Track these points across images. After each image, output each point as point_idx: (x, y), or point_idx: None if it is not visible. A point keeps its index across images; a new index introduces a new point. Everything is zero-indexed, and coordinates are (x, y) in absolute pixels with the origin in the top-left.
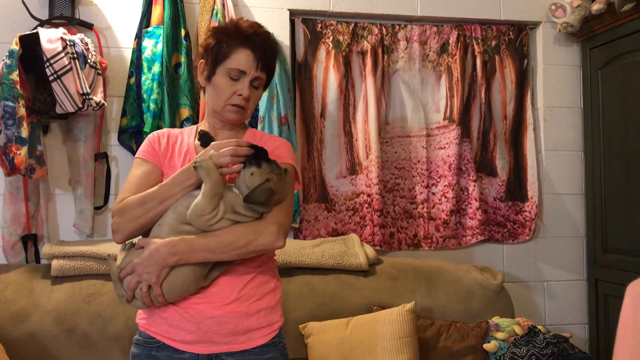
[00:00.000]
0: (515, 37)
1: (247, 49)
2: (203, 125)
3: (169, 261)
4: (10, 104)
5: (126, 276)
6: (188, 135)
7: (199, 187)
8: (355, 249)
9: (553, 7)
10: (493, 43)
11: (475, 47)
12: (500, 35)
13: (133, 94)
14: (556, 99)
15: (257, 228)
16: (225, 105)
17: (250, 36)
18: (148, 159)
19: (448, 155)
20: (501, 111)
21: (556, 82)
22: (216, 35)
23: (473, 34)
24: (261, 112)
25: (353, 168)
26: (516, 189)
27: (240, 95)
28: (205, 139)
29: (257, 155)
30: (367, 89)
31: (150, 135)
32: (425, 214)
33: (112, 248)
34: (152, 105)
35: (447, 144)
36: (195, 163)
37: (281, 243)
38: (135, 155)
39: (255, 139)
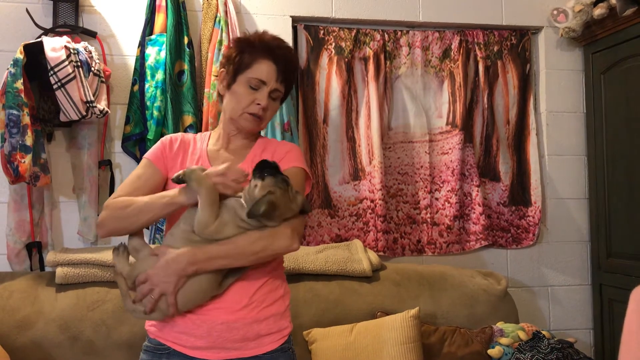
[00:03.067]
0: (518, 42)
1: (269, 60)
2: (217, 132)
3: (188, 270)
4: (14, 112)
5: (139, 286)
6: (201, 141)
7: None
8: (359, 255)
9: (555, 12)
10: (495, 48)
11: (478, 52)
12: (503, 40)
13: (137, 102)
14: (559, 104)
15: (272, 232)
16: (242, 113)
17: (274, 49)
18: (153, 161)
19: (451, 161)
20: (504, 116)
21: (559, 86)
22: (239, 46)
23: (475, 40)
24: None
25: (356, 174)
26: (519, 193)
27: (259, 104)
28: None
29: (262, 168)
30: (369, 94)
31: (165, 137)
32: (428, 220)
33: None
34: (155, 113)
35: (450, 149)
36: (183, 176)
37: (296, 246)
38: (145, 156)
39: (266, 147)
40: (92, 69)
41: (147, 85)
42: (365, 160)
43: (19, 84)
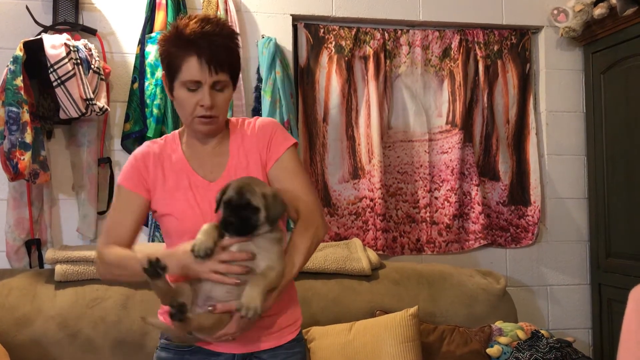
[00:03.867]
0: (518, 42)
1: (193, 56)
2: (185, 133)
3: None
4: (14, 109)
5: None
6: (173, 149)
7: None
8: (358, 254)
9: (555, 11)
10: (495, 48)
11: (478, 51)
12: (503, 39)
13: (136, 99)
14: (558, 103)
15: (310, 228)
16: (192, 119)
17: (194, 40)
18: (131, 189)
19: (451, 160)
20: (503, 115)
21: (558, 86)
22: (163, 46)
23: (475, 39)
24: (264, 116)
25: (356, 172)
26: (519, 193)
27: (203, 105)
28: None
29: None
30: (369, 93)
31: (132, 159)
32: (428, 219)
33: None
34: (155, 111)
35: (449, 148)
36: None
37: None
38: (119, 182)
39: (243, 135)
40: (92, 66)
41: (147, 83)
42: (365, 159)
43: (19, 81)
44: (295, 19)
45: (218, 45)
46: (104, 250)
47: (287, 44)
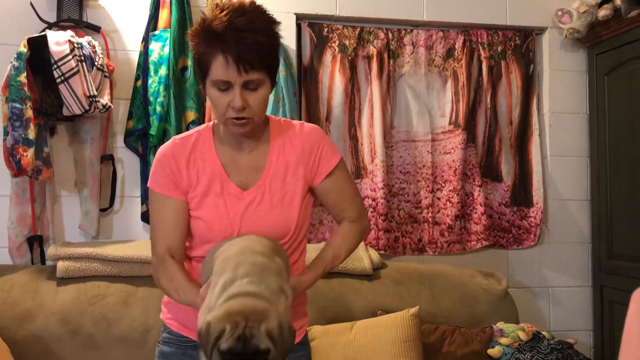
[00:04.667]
0: (522, 43)
1: (220, 55)
2: (219, 129)
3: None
4: (17, 105)
5: None
6: (205, 145)
7: None
8: (360, 253)
9: (559, 12)
10: (499, 48)
11: (482, 52)
12: (507, 40)
13: (140, 97)
14: (562, 105)
15: (360, 227)
16: (225, 120)
17: (221, 36)
18: (169, 195)
19: (453, 160)
20: (507, 116)
21: (562, 87)
22: (192, 42)
23: (479, 39)
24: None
25: (358, 172)
26: (521, 194)
27: (235, 107)
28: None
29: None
30: (372, 93)
31: (163, 159)
32: (430, 219)
33: (118, 250)
34: (158, 108)
35: (452, 148)
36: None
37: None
38: (153, 188)
39: (284, 142)
40: (96, 63)
41: (150, 81)
42: (367, 159)
43: (23, 78)
44: (299, 17)
45: (248, 42)
46: (162, 276)
47: (291, 43)
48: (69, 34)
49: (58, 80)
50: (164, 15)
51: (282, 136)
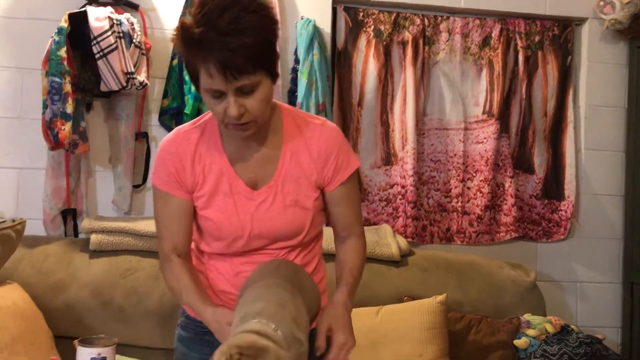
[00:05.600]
0: (560, 33)
1: (206, 62)
2: None
3: None
4: (57, 79)
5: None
6: (212, 139)
7: None
8: (388, 239)
9: (601, 3)
10: (536, 38)
11: (518, 41)
12: (545, 30)
13: (175, 76)
14: (599, 97)
15: (359, 253)
16: (225, 126)
17: (201, 43)
18: (169, 191)
19: (485, 150)
20: (541, 107)
21: (600, 80)
22: (177, 48)
23: (516, 29)
24: (299, 99)
25: (388, 159)
26: (553, 187)
27: (232, 115)
28: None
29: None
30: (406, 79)
31: (165, 156)
32: (459, 208)
33: (150, 225)
34: (193, 88)
35: (485, 138)
36: None
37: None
38: (156, 184)
39: (299, 143)
40: (134, 40)
41: None
42: (398, 146)
43: (63, 52)
44: (335, 1)
45: (233, 47)
46: (166, 276)
47: (326, 26)
48: (108, 10)
49: (97, 56)
50: None
51: (297, 134)
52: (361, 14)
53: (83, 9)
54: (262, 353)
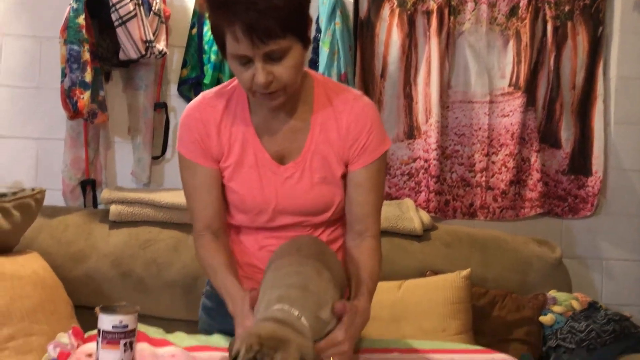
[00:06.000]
0: (591, 3)
1: (232, 26)
2: None
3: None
4: (75, 47)
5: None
6: (238, 106)
7: None
8: (410, 214)
9: None
10: (566, 8)
11: (547, 11)
12: (575, 0)
13: (194, 45)
14: (631, 70)
15: (378, 258)
16: (253, 94)
17: (227, 4)
18: (196, 160)
19: (511, 124)
20: (570, 80)
21: (632, 51)
22: (206, 10)
23: None
24: (321, 69)
25: (411, 132)
26: (580, 162)
27: (260, 82)
28: None
29: None
30: (430, 50)
31: (191, 122)
32: (483, 183)
33: (169, 197)
34: (213, 57)
35: (511, 111)
36: None
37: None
38: (182, 152)
39: (329, 117)
40: (153, 8)
41: (205, 29)
42: (421, 119)
43: (81, 20)
44: None
45: (261, 8)
46: (198, 252)
47: None
48: None
49: (116, 24)
50: None
51: (327, 106)
52: None
53: None
54: (283, 345)
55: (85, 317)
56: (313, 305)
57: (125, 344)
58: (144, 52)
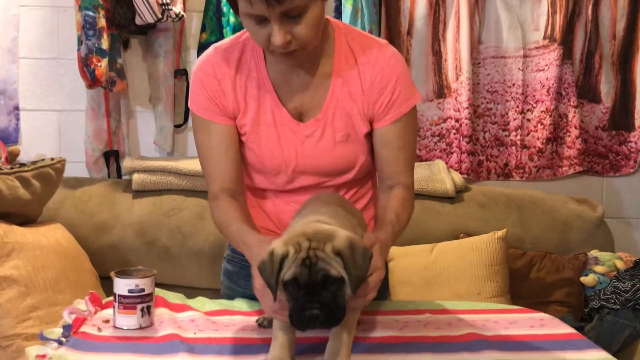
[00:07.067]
0: None
1: None
2: None
3: None
4: (90, 13)
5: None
6: (253, 59)
7: None
8: (442, 175)
9: None
10: None
11: None
12: None
13: (212, 8)
14: None
15: (407, 205)
16: (271, 52)
17: None
18: (210, 118)
19: (547, 78)
20: (609, 30)
21: None
22: None
23: None
24: None
25: (441, 91)
26: (622, 117)
27: (277, 43)
28: None
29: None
30: (459, 4)
31: (203, 78)
32: (518, 142)
33: (193, 164)
34: (232, 19)
35: (546, 65)
36: None
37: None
38: (195, 111)
39: (352, 69)
40: None
41: None
42: (451, 77)
43: None
44: None
45: None
46: (214, 214)
47: None
48: None
49: None
50: None
51: (350, 58)
52: None
53: None
54: (332, 235)
55: (111, 288)
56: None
57: (142, 309)
58: (160, 16)
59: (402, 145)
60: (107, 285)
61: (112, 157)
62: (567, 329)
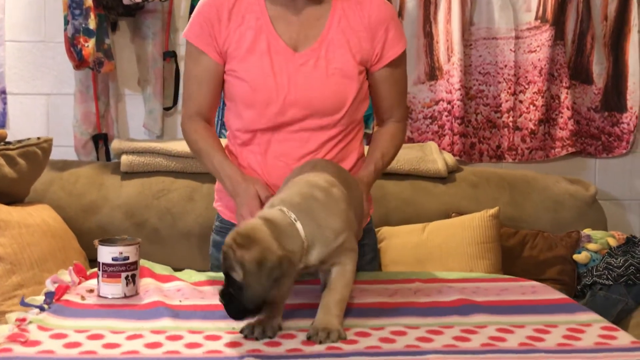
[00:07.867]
0: None
1: None
2: None
3: None
4: None
5: None
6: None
7: None
8: (434, 155)
9: None
10: None
11: None
12: None
13: None
14: None
15: (399, 138)
16: None
17: None
18: (200, 46)
19: (539, 60)
20: (601, 11)
21: None
22: None
23: None
24: None
25: (432, 73)
26: (614, 98)
27: None
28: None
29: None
30: None
31: (205, 6)
32: (510, 124)
33: (182, 145)
34: None
35: (538, 46)
36: None
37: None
38: (189, 38)
39: (348, 7)
40: None
41: None
42: (443, 58)
43: None
44: None
45: None
46: (189, 134)
47: None
48: None
49: None
50: None
51: (341, 5)
52: None
53: None
54: (250, 244)
55: None
56: (319, 213)
57: (127, 277)
58: None
59: (397, 81)
60: (95, 266)
61: (101, 140)
62: (558, 295)
